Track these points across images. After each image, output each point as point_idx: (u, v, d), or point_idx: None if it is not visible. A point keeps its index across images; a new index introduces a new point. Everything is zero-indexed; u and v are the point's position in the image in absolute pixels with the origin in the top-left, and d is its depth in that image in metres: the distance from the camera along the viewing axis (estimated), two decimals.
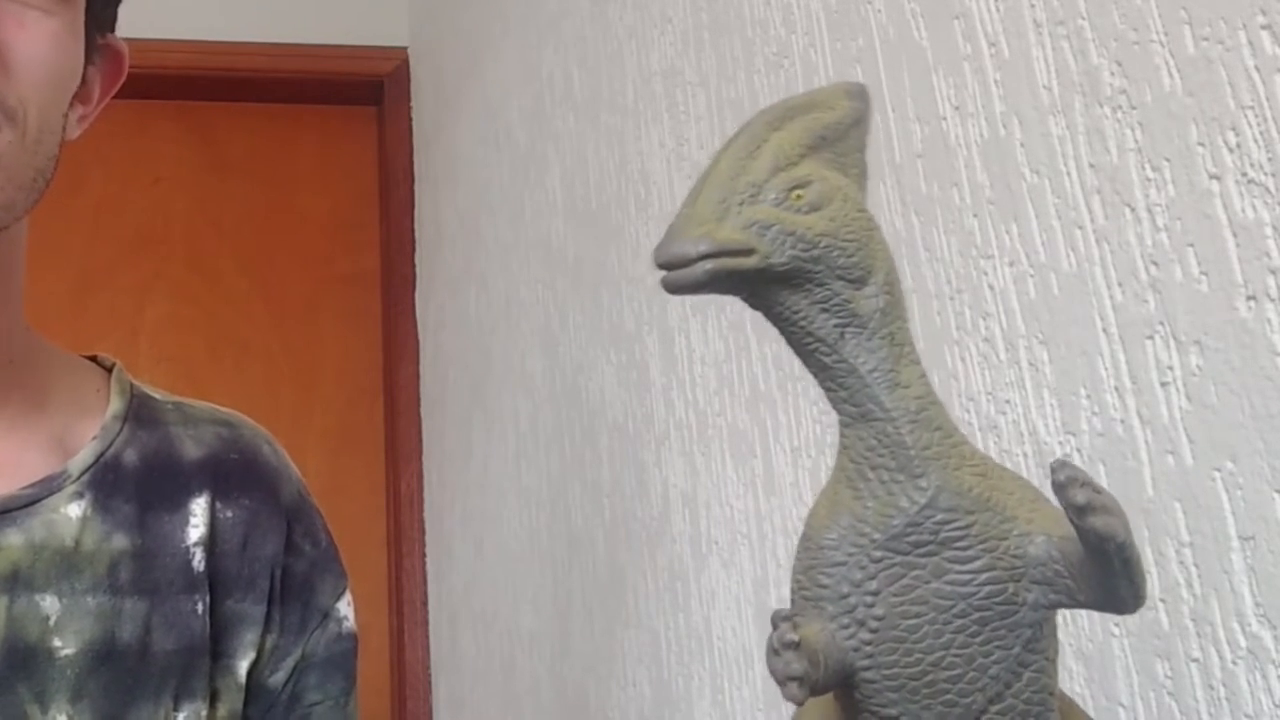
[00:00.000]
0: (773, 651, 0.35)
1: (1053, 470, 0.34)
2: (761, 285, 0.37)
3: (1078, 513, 0.34)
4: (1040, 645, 0.37)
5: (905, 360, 0.38)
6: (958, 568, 0.37)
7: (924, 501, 0.37)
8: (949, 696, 0.37)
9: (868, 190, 0.40)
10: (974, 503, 0.37)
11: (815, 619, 0.37)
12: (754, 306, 0.38)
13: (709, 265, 0.35)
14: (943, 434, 0.37)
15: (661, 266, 0.36)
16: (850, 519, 0.37)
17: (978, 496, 0.37)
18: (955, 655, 0.37)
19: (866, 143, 0.40)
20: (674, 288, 0.36)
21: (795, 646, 0.35)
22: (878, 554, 0.37)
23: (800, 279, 0.37)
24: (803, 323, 0.37)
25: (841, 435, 0.38)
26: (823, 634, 0.37)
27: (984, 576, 0.37)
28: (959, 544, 0.37)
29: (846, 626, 0.37)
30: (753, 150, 0.37)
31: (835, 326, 0.37)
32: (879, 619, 0.37)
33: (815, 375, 0.38)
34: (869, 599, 0.37)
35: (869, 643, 0.37)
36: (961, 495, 0.37)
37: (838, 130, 0.39)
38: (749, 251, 0.36)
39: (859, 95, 0.40)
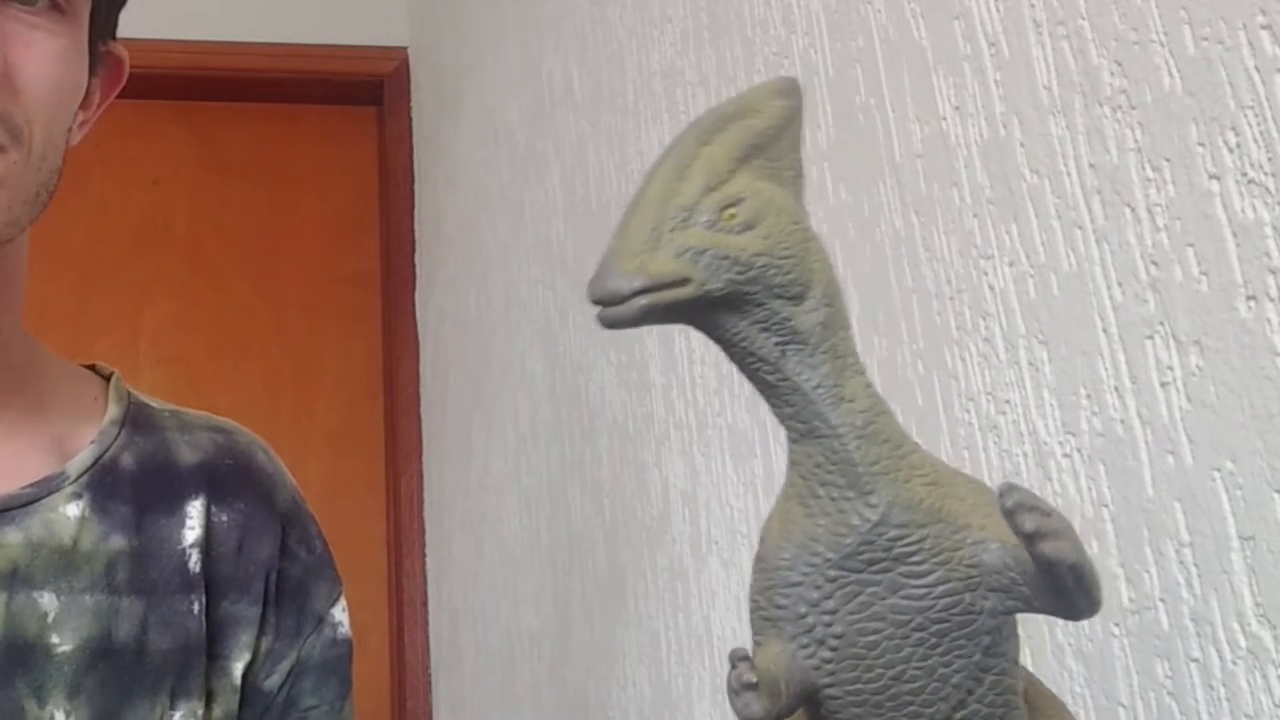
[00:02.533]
0: (733, 692, 0.35)
1: (1000, 496, 0.34)
2: (699, 312, 0.36)
3: (1027, 540, 0.34)
4: (1000, 649, 0.37)
5: (849, 372, 0.37)
6: (913, 582, 0.36)
7: (875, 519, 0.36)
8: (913, 708, 0.37)
9: (804, 191, 0.39)
10: (926, 515, 0.37)
11: (775, 640, 0.37)
12: (695, 328, 0.37)
13: (644, 301, 0.35)
14: (891, 446, 0.37)
15: (596, 303, 0.35)
16: (803, 538, 0.37)
17: (930, 508, 0.37)
18: (916, 668, 0.37)
19: (800, 141, 0.40)
20: (611, 324, 0.35)
21: (754, 688, 0.34)
22: (832, 573, 0.37)
23: (738, 301, 0.36)
24: (743, 344, 0.37)
25: (790, 451, 0.38)
26: (783, 655, 0.37)
27: (940, 589, 0.36)
28: (913, 559, 0.36)
29: (806, 646, 0.37)
30: (682, 170, 0.37)
31: (776, 345, 0.37)
32: (838, 637, 0.37)
33: (761, 393, 0.38)
34: (827, 618, 0.37)
35: (830, 661, 0.37)
36: (913, 509, 0.37)
37: (768, 135, 0.38)
38: (684, 281, 0.35)
39: (790, 92, 0.39)
